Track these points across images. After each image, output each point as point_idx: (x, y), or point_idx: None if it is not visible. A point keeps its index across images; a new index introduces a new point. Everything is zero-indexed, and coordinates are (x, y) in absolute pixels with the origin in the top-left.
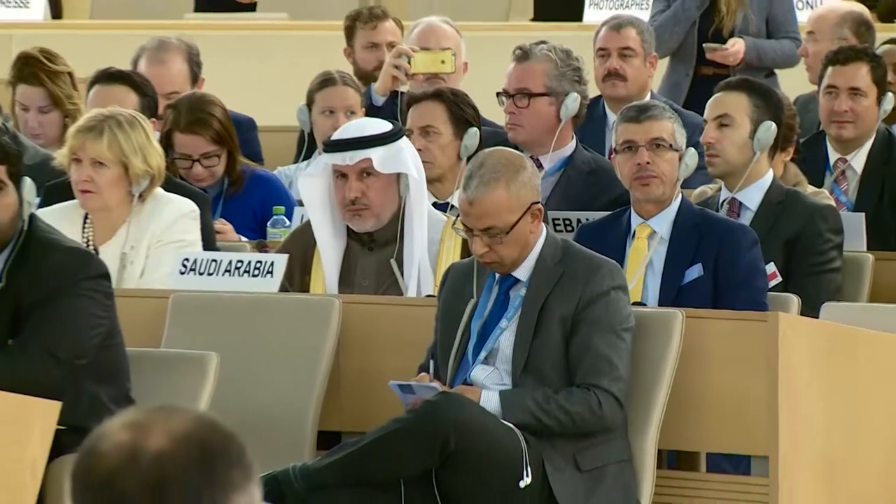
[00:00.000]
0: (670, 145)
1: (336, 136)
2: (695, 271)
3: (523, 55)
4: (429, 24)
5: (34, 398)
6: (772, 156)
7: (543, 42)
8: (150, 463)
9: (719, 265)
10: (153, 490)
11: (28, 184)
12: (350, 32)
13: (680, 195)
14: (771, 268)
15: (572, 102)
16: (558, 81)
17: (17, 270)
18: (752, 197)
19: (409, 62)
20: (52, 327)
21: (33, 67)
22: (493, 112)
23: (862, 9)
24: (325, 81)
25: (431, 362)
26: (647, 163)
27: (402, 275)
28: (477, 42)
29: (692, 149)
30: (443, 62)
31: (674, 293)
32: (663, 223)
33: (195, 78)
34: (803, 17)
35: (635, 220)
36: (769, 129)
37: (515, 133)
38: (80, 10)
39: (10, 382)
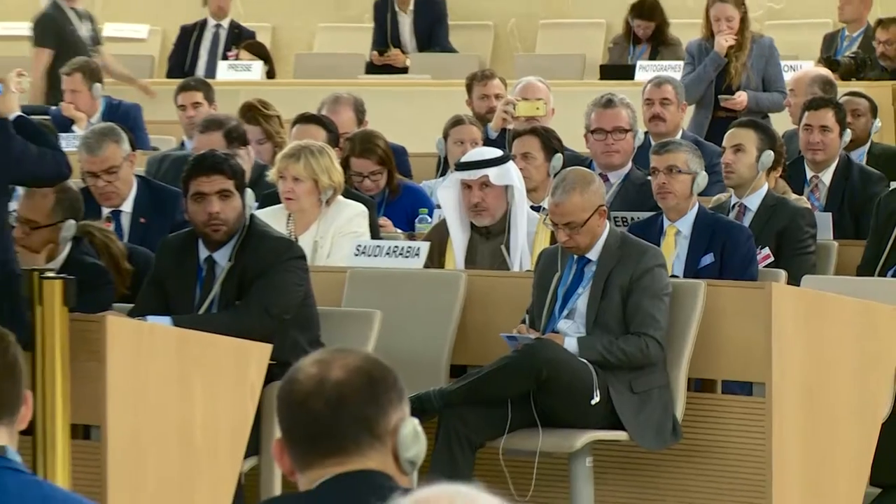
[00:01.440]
0: (681, 170)
1: (464, 159)
2: (707, 259)
3: (609, 102)
4: (528, 82)
5: (253, 342)
6: (767, 173)
7: (612, 94)
8: (332, 388)
9: (724, 254)
10: (334, 407)
11: (249, 193)
12: (469, 88)
13: (696, 204)
14: (766, 251)
15: (640, 136)
16: (634, 122)
17: (241, 253)
18: (754, 202)
19: (514, 108)
20: (266, 292)
21: (253, 112)
22: (572, 142)
23: (827, 72)
24: (456, 121)
25: (527, 317)
26: (663, 183)
27: (509, 256)
28: (560, 94)
29: (705, 172)
30: (537, 108)
31: (692, 275)
32: (685, 225)
33: (360, 121)
34: (788, 76)
35: (666, 222)
36: (769, 155)
37: (613, 159)
38: (286, 72)
39: (238, 331)
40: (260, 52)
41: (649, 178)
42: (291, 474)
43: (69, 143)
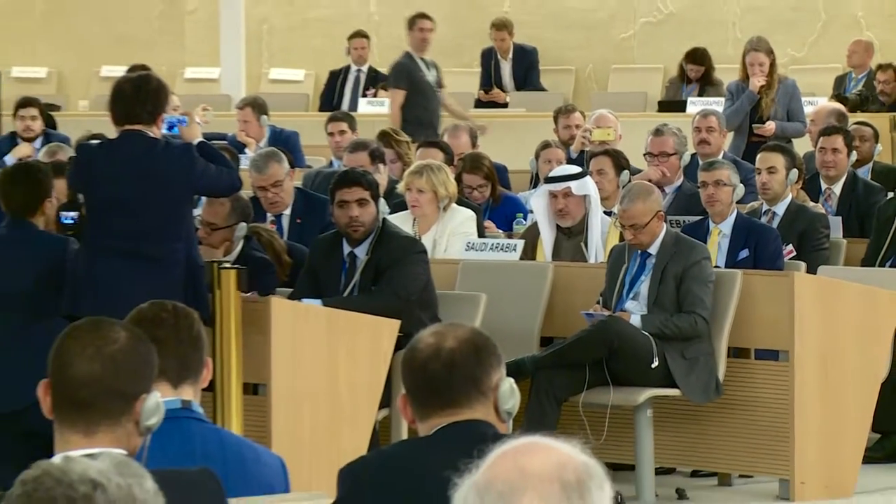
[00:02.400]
0: (725, 183)
1: (551, 174)
2: (743, 253)
3: (658, 132)
4: (601, 114)
5: (385, 319)
6: (791, 186)
7: (666, 124)
8: (447, 354)
9: (757, 250)
10: (449, 369)
11: (382, 201)
12: (556, 119)
13: (735, 210)
14: (790, 248)
15: (686, 158)
16: (680, 146)
17: (376, 249)
18: (780, 208)
19: (590, 135)
20: (396, 279)
21: (388, 138)
22: (636, 161)
23: (839, 106)
24: (545, 145)
25: (601, 299)
26: (711, 194)
27: (587, 251)
28: (627, 124)
29: (742, 185)
30: (608, 134)
31: (731, 266)
32: (726, 226)
33: (473, 144)
34: (807, 109)
35: (711, 224)
36: (795, 173)
37: (661, 176)
38: None
39: (373, 310)
40: (386, 88)
41: (697, 189)
42: (413, 422)
43: (243, 163)
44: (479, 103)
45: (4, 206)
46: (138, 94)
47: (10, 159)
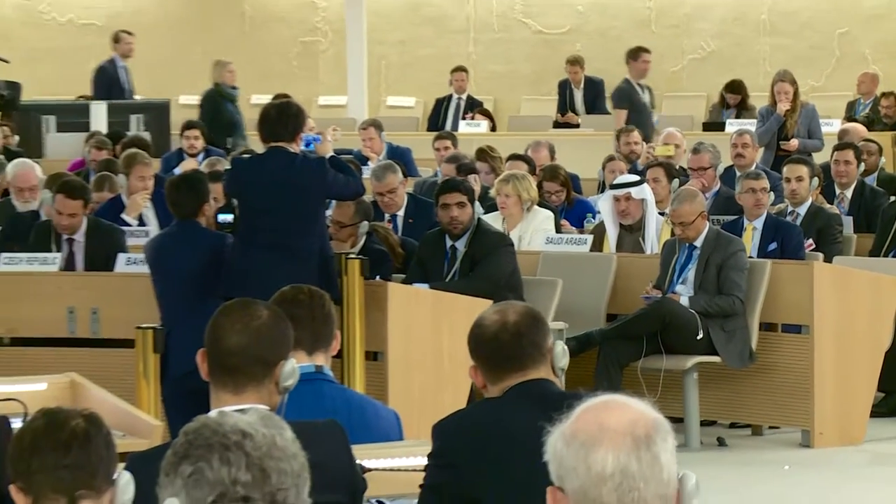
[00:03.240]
0: (766, 189)
1: (615, 182)
2: (772, 246)
3: (696, 150)
4: (669, 131)
5: (480, 299)
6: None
7: (703, 143)
8: (513, 325)
9: (783, 243)
10: (516, 338)
11: (477, 204)
12: (618, 137)
13: (766, 210)
14: (810, 241)
15: (721, 168)
16: (714, 160)
17: (472, 243)
18: (802, 209)
19: (653, 150)
20: (489, 267)
21: (484, 154)
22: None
23: (854, 125)
24: (610, 158)
25: (651, 283)
26: (759, 199)
27: (644, 244)
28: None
29: (772, 191)
30: (670, 150)
31: (762, 256)
32: (759, 224)
33: (552, 157)
34: (825, 129)
35: (745, 222)
36: (815, 181)
37: (699, 184)
38: (503, 127)
39: (470, 293)
40: (486, 115)
41: (733, 193)
42: (483, 387)
43: (365, 173)
44: (557, 124)
45: (172, 209)
46: (281, 117)
47: (178, 171)
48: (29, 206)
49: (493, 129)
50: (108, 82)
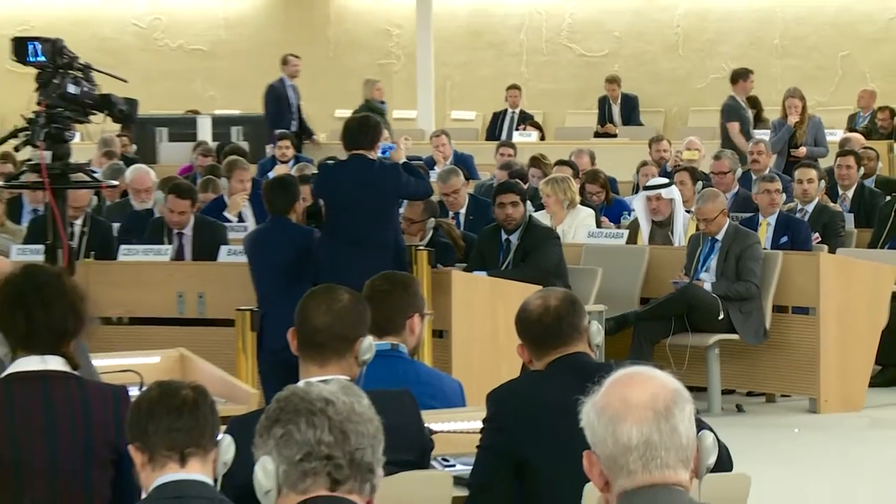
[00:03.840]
0: (777, 190)
1: (647, 184)
2: (784, 239)
3: (717, 157)
4: (690, 139)
5: (531, 284)
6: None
7: (723, 150)
8: (554, 309)
9: (793, 237)
10: (558, 320)
11: (528, 203)
12: (650, 145)
13: (778, 208)
14: (816, 235)
15: (739, 174)
16: (733, 165)
17: (524, 236)
18: (810, 208)
19: (681, 155)
20: (538, 258)
21: (536, 161)
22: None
23: (855, 135)
24: (643, 164)
25: (683, 270)
26: (773, 198)
27: (673, 237)
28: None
29: (784, 192)
30: (695, 155)
31: (775, 248)
32: (772, 220)
33: (592, 163)
34: (829, 138)
35: (760, 218)
36: (822, 183)
37: (722, 186)
38: (551, 137)
39: (522, 280)
40: (536, 126)
41: (749, 194)
42: (529, 362)
43: (433, 176)
44: (597, 134)
45: (268, 207)
46: (361, 129)
47: (271, 175)
48: (145, 205)
49: (542, 138)
50: (277, 98)
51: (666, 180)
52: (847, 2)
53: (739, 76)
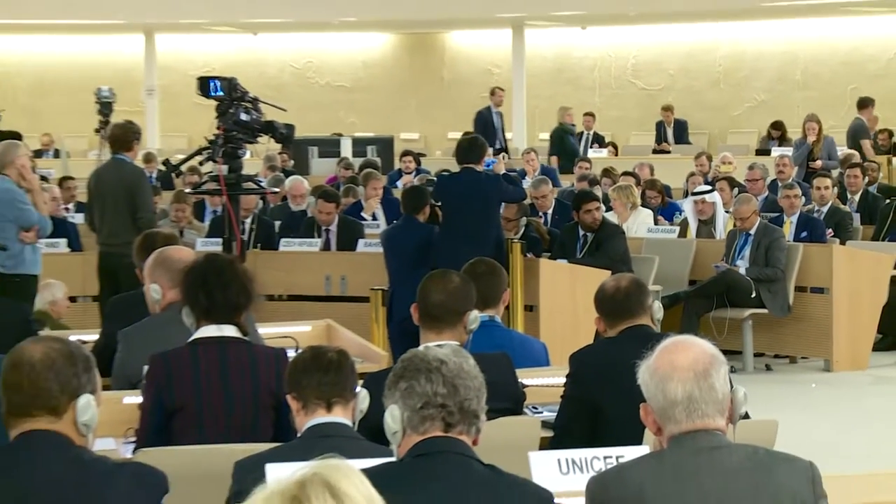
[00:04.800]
0: (797, 195)
1: (694, 190)
2: (803, 234)
3: (751, 168)
4: (723, 155)
5: (603, 270)
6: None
7: (755, 163)
8: (625, 289)
9: (811, 233)
10: (629, 297)
11: (602, 207)
12: (696, 160)
13: (798, 210)
14: (830, 230)
15: (768, 182)
16: (763, 174)
17: (598, 232)
18: (825, 210)
19: (719, 168)
20: (609, 249)
21: (608, 172)
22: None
23: (855, 152)
24: (691, 174)
25: (724, 258)
26: (793, 202)
27: (715, 232)
28: (738, 161)
29: (803, 196)
30: (729, 167)
31: (797, 241)
32: (794, 219)
33: (651, 173)
34: (840, 153)
35: (785, 218)
36: (835, 190)
37: (754, 192)
38: (619, 152)
39: (596, 266)
40: (604, 144)
41: (776, 198)
42: (604, 331)
43: (525, 184)
44: (654, 151)
45: (403, 208)
46: (471, 147)
47: (399, 184)
48: (300, 207)
49: (616, 153)
50: (484, 123)
51: (709, 187)
52: (855, 45)
53: (867, 103)
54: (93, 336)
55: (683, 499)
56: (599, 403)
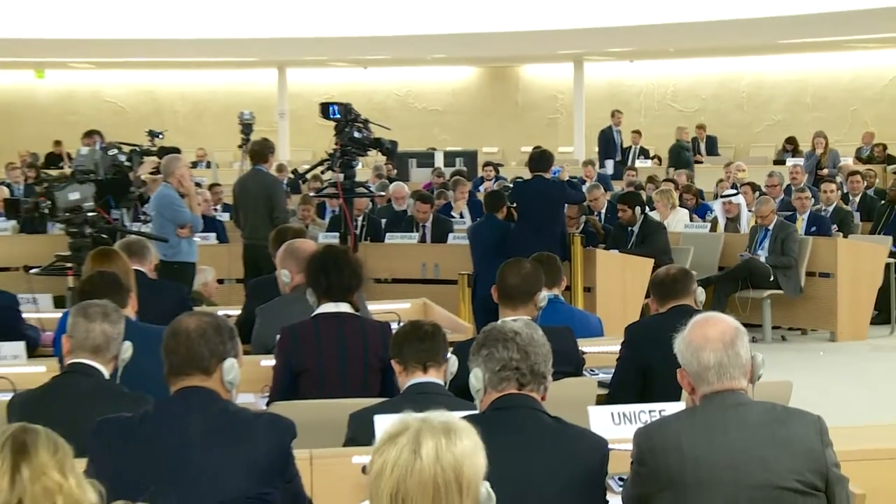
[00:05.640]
0: (808, 197)
1: (722, 194)
2: (813, 229)
3: (770, 175)
4: (738, 164)
5: (647, 259)
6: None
7: (773, 171)
8: (673, 274)
9: (819, 228)
10: (675, 281)
11: (646, 206)
12: (725, 168)
13: (809, 209)
14: (835, 226)
15: (784, 185)
16: (780, 181)
17: (642, 227)
18: (830, 209)
19: (737, 175)
20: (652, 241)
21: (652, 179)
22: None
23: (850, 163)
24: (720, 180)
25: (747, 249)
26: (804, 203)
27: (739, 226)
28: (757, 170)
29: (813, 198)
30: (745, 174)
31: (808, 234)
32: (805, 217)
33: (688, 179)
34: (843, 162)
35: (798, 216)
36: (839, 193)
37: (772, 195)
38: (661, 162)
39: (641, 256)
40: (649, 156)
41: (790, 200)
42: (655, 309)
43: (584, 189)
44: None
45: (485, 208)
46: (541, 158)
47: (482, 189)
48: (401, 207)
49: (659, 163)
50: (606, 139)
51: (735, 191)
52: (855, 74)
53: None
54: (236, 311)
55: (712, 447)
56: (649, 365)
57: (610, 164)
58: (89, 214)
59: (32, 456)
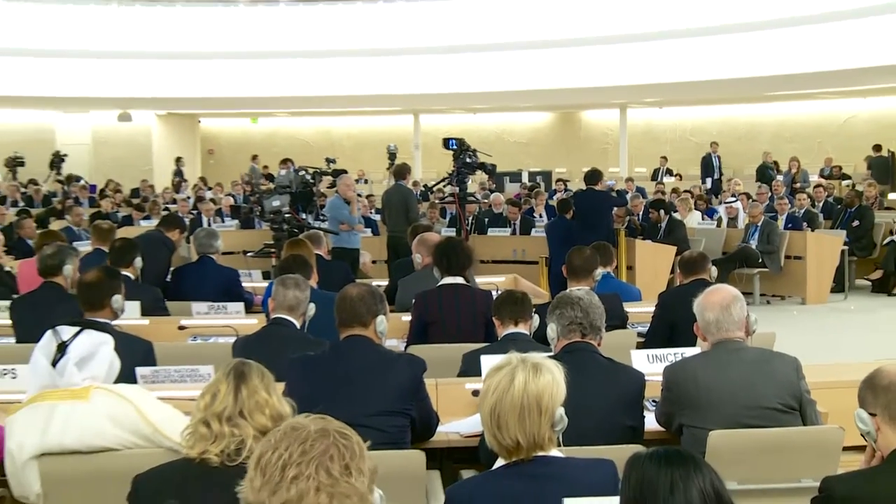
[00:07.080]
0: (786, 203)
1: (725, 200)
2: (789, 226)
3: (760, 187)
4: (735, 179)
5: (670, 246)
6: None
7: (762, 185)
8: (694, 256)
9: (794, 225)
10: (694, 262)
11: (670, 211)
12: (728, 182)
13: (787, 212)
14: (804, 224)
15: (768, 196)
16: (767, 192)
17: (668, 224)
18: (802, 212)
19: (734, 186)
20: (675, 234)
21: (675, 191)
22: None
23: (823, 180)
24: (724, 191)
25: (742, 240)
26: (783, 208)
27: (738, 224)
28: (749, 185)
29: (790, 205)
30: (739, 186)
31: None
32: (783, 217)
33: (702, 190)
34: (812, 179)
35: (778, 217)
36: (809, 200)
37: (761, 201)
38: (683, 179)
39: (666, 244)
40: (673, 175)
41: (773, 205)
42: (681, 282)
43: (628, 198)
44: (704, 178)
45: (557, 211)
46: (592, 175)
47: (555, 198)
48: (499, 211)
49: (681, 179)
50: (706, 165)
51: (734, 199)
52: (821, 115)
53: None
54: (384, 282)
55: (719, 379)
56: (675, 321)
57: (709, 181)
58: (286, 216)
59: (248, 380)
